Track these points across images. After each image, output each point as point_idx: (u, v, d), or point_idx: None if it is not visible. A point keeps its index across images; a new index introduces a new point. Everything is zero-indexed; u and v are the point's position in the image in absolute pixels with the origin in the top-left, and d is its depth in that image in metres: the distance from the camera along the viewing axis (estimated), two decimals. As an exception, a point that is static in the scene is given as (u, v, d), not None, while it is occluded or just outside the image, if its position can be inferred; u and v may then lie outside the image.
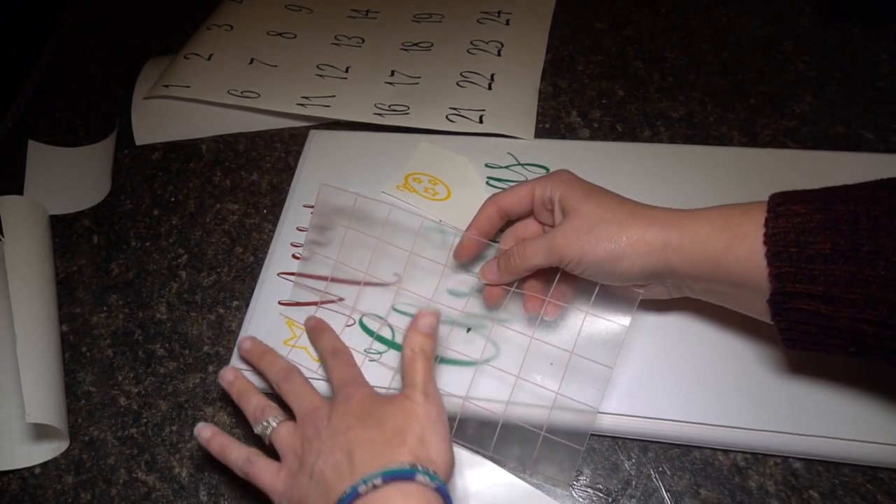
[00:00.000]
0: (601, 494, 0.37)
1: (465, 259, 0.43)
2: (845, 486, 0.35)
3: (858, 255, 0.28)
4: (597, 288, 0.36)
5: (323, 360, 0.41)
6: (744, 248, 0.31)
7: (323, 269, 0.46)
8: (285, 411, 0.37)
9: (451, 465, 0.32)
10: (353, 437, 0.32)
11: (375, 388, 0.38)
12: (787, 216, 0.30)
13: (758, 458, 0.37)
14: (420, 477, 0.30)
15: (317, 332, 0.42)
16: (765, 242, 0.30)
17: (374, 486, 0.29)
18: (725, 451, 0.37)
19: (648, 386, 0.38)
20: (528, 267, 0.37)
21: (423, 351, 0.35)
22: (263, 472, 0.35)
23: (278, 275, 0.46)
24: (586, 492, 0.37)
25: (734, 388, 0.37)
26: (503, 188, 0.48)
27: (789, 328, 0.31)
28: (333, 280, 0.45)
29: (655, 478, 0.37)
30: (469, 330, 0.42)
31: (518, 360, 0.39)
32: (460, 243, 0.42)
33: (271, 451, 0.36)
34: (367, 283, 0.45)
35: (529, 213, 0.41)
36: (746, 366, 0.38)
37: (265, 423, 0.36)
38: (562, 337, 0.39)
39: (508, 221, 0.42)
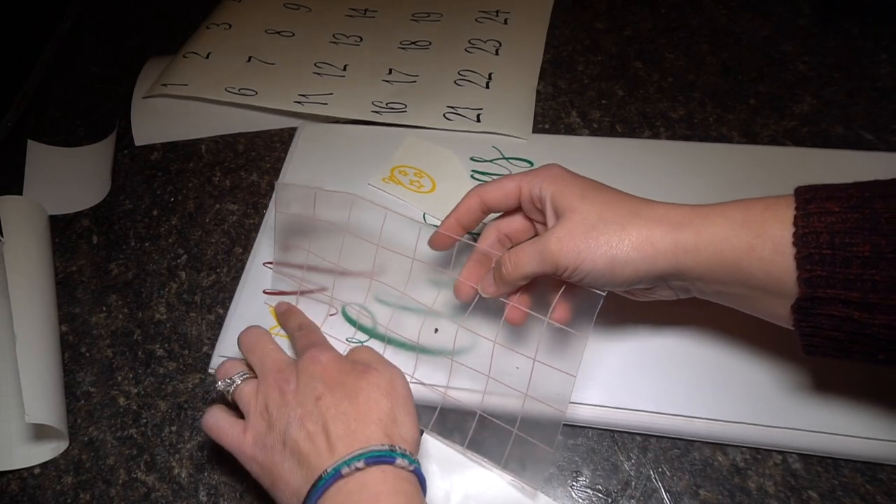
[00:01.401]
0: (601, 495, 0.37)
1: (439, 249, 0.39)
2: (844, 486, 0.35)
3: None
4: (560, 290, 0.34)
5: (290, 336, 0.41)
6: (768, 250, 0.28)
7: (298, 258, 0.46)
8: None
9: (418, 442, 0.33)
10: (324, 408, 0.32)
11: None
12: (820, 214, 0.27)
13: (757, 459, 0.37)
14: (399, 460, 0.30)
15: (286, 315, 0.43)
16: (794, 243, 0.28)
17: (357, 469, 0.29)
18: (725, 452, 0.37)
19: (647, 380, 0.38)
20: (522, 275, 0.34)
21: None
22: (227, 432, 0.35)
23: (263, 264, 0.47)
24: (586, 492, 0.37)
25: (732, 383, 0.37)
26: (487, 181, 0.48)
27: (813, 334, 0.29)
28: (310, 269, 0.45)
29: (655, 478, 0.37)
30: (437, 331, 0.42)
31: (486, 360, 0.37)
32: (435, 233, 0.39)
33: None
34: (345, 273, 0.44)
35: (515, 209, 0.37)
36: (745, 360, 0.38)
37: (228, 380, 0.36)
38: (524, 343, 0.38)
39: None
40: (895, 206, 0.26)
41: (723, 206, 0.30)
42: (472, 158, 0.51)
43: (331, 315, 0.44)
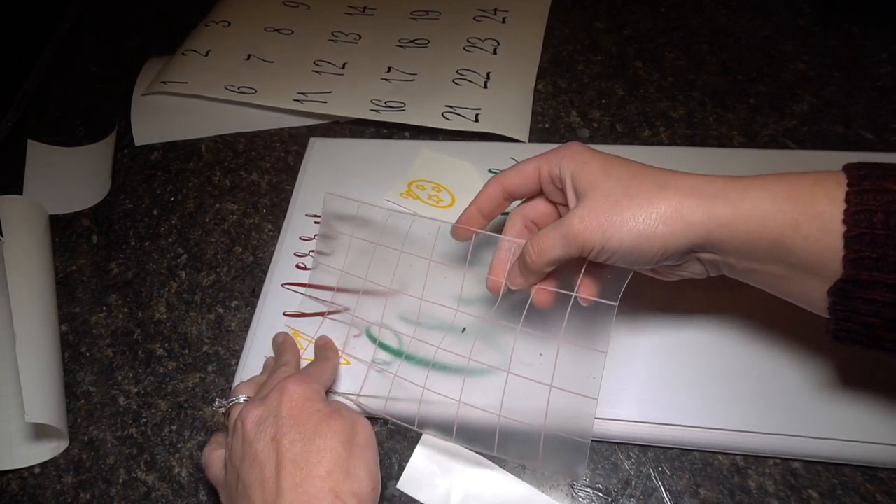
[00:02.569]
0: (601, 494, 0.37)
1: (462, 240, 0.38)
2: (844, 486, 0.35)
3: None
4: (584, 267, 0.33)
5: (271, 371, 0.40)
6: (815, 227, 0.26)
7: (329, 280, 0.45)
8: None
9: (375, 493, 0.31)
10: (279, 450, 0.31)
11: (377, 399, 0.38)
12: (875, 192, 0.25)
13: (757, 459, 0.37)
14: None
15: (282, 347, 0.42)
16: (844, 221, 0.25)
17: None
18: (725, 452, 0.37)
19: (647, 391, 0.38)
20: (548, 261, 0.32)
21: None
22: (209, 466, 0.35)
23: (282, 286, 0.46)
24: (586, 492, 0.37)
25: (734, 392, 0.37)
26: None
27: (848, 319, 0.27)
28: (340, 290, 0.45)
29: (655, 477, 0.37)
30: (464, 330, 0.41)
31: (507, 355, 0.37)
32: (456, 224, 0.37)
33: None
34: (374, 293, 0.44)
35: (538, 193, 0.36)
36: (744, 369, 0.38)
37: (224, 402, 0.36)
38: (550, 328, 0.36)
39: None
40: None
41: (763, 179, 0.28)
42: (490, 170, 0.50)
43: (354, 336, 0.43)
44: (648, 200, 0.29)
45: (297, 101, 0.57)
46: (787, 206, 0.27)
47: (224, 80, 0.60)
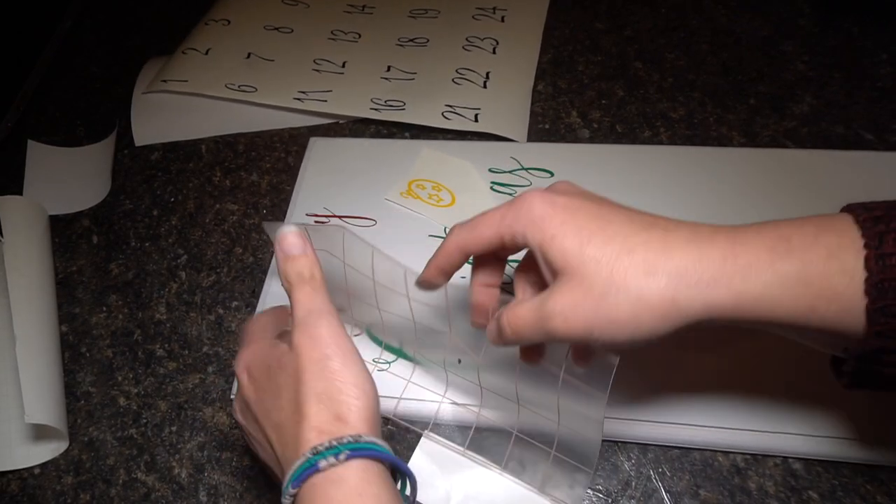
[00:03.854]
0: (601, 495, 0.37)
1: (430, 290, 0.35)
2: (844, 486, 0.35)
3: None
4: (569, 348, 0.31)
5: None
6: (834, 309, 0.23)
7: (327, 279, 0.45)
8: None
9: (370, 400, 0.28)
10: (261, 419, 0.30)
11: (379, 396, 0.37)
12: None
13: (757, 459, 0.37)
14: (323, 462, 0.26)
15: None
16: (866, 292, 0.23)
17: (292, 496, 0.27)
18: (725, 452, 0.37)
19: (647, 389, 0.38)
20: (522, 342, 0.29)
21: (300, 275, 0.31)
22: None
23: (282, 285, 0.46)
24: (586, 492, 0.37)
25: (734, 390, 0.37)
26: (509, 194, 0.48)
27: (869, 377, 0.25)
28: (337, 290, 0.45)
29: (655, 478, 0.37)
30: (460, 361, 0.39)
31: (513, 385, 0.36)
32: (420, 275, 0.34)
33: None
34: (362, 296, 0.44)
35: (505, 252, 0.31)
36: (744, 367, 0.38)
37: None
38: (546, 379, 0.34)
39: None
40: None
41: (769, 253, 0.24)
42: (490, 169, 0.50)
43: (355, 336, 0.43)
44: (638, 293, 0.25)
45: (298, 99, 0.57)
46: (800, 289, 0.23)
47: (224, 79, 0.60)
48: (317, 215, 0.49)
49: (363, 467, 0.27)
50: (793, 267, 0.23)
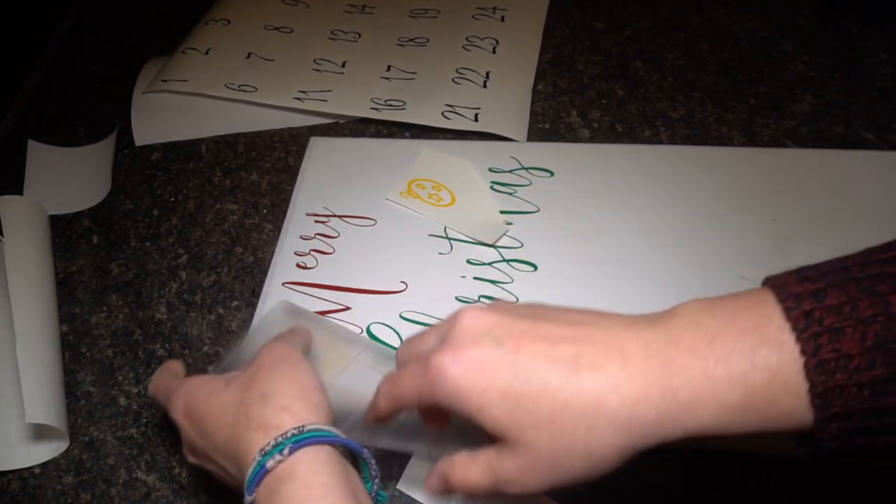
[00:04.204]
0: (601, 495, 0.37)
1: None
2: (844, 486, 0.35)
3: None
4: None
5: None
6: (782, 425, 0.22)
7: (328, 279, 0.46)
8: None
9: (307, 388, 0.30)
10: (209, 449, 0.31)
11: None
12: (837, 361, 0.21)
13: (757, 460, 0.37)
14: (270, 462, 0.27)
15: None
16: (812, 404, 0.21)
17: (252, 500, 0.28)
18: (725, 452, 0.37)
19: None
20: (472, 494, 0.27)
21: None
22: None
23: (283, 284, 0.46)
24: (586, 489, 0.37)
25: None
26: (508, 192, 0.48)
27: (831, 459, 0.24)
28: (338, 289, 0.45)
29: (655, 479, 0.37)
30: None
31: None
32: (366, 418, 0.31)
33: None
34: (373, 292, 0.44)
35: None
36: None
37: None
38: None
39: None
40: None
41: (711, 384, 0.22)
42: (490, 169, 0.50)
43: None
44: (587, 452, 0.24)
45: (298, 99, 0.57)
46: (748, 415, 0.22)
47: (224, 79, 0.60)
48: (317, 215, 0.50)
49: (311, 457, 0.27)
50: (735, 396, 0.22)
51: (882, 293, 0.21)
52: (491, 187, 0.49)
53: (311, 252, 0.48)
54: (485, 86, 0.56)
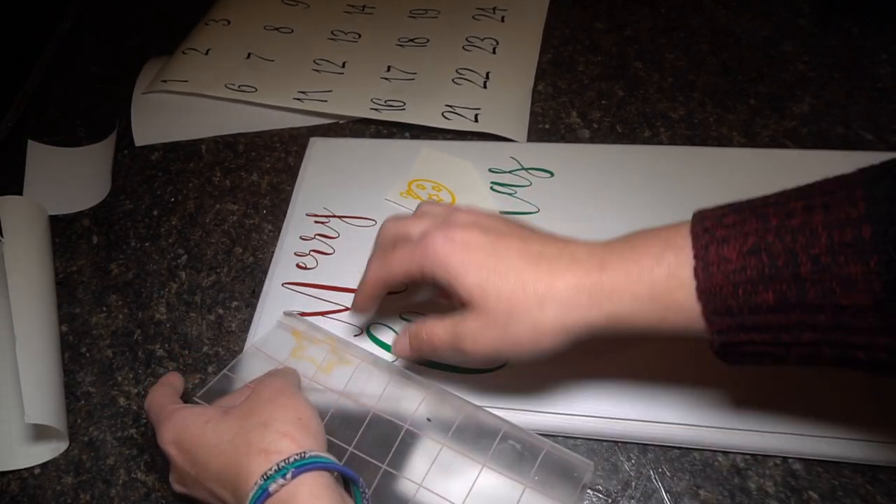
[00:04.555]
0: (601, 495, 0.37)
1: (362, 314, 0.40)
2: (845, 486, 0.35)
3: (806, 303, 0.25)
4: (541, 455, 0.34)
5: None
6: (680, 319, 0.28)
7: (328, 279, 0.46)
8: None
9: (306, 416, 0.31)
10: (202, 476, 0.32)
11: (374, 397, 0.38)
12: (719, 264, 0.26)
13: (757, 460, 0.37)
14: (273, 486, 0.28)
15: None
16: (699, 298, 0.27)
17: None
18: (725, 453, 0.37)
19: (647, 389, 0.38)
20: (435, 357, 0.35)
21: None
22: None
23: (283, 285, 0.46)
24: (586, 493, 0.37)
25: (733, 390, 0.37)
26: (508, 193, 0.48)
27: (739, 362, 0.29)
28: (338, 289, 0.45)
29: (655, 479, 0.37)
30: (429, 420, 0.38)
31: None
32: (353, 306, 0.39)
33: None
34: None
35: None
36: (745, 368, 0.38)
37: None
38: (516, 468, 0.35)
39: None
40: (790, 244, 0.25)
41: (626, 276, 0.28)
42: (490, 169, 0.50)
43: (355, 336, 0.43)
44: (534, 322, 0.30)
45: (298, 99, 0.57)
46: (651, 305, 0.28)
47: (224, 79, 0.60)
48: (317, 215, 0.50)
49: (312, 482, 0.29)
50: (643, 288, 0.28)
51: (767, 214, 0.26)
52: (491, 188, 0.49)
53: (311, 252, 0.48)
54: (485, 86, 0.56)
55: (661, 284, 0.28)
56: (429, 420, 0.37)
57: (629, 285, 0.28)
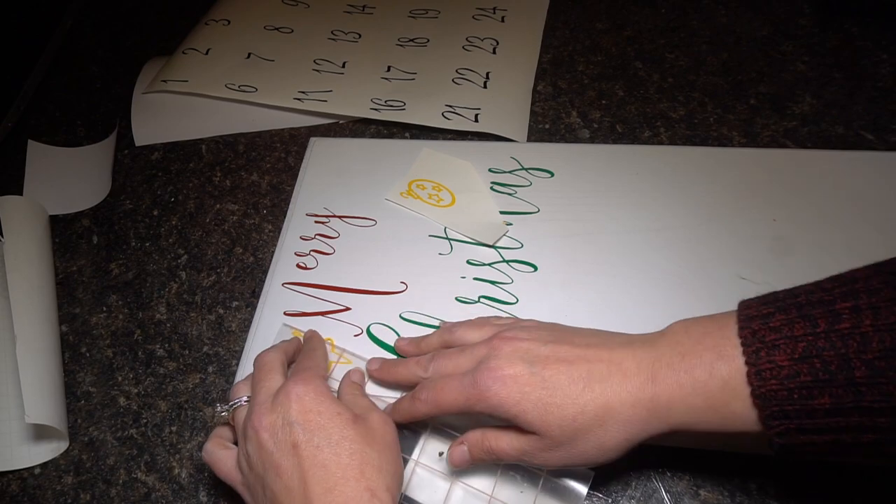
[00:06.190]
0: (601, 495, 0.37)
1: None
2: (845, 486, 0.35)
3: (863, 407, 0.25)
4: (540, 481, 0.35)
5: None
6: (739, 424, 0.28)
7: (328, 279, 0.46)
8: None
9: (401, 481, 0.32)
10: (302, 459, 0.30)
11: (382, 398, 0.38)
12: (771, 370, 0.27)
13: (758, 459, 0.37)
14: None
15: (307, 341, 0.41)
16: (754, 405, 0.27)
17: None
18: (725, 452, 0.37)
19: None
20: (498, 461, 0.35)
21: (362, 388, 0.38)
22: (219, 464, 0.35)
23: (283, 285, 0.46)
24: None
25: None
26: (508, 193, 0.48)
27: (802, 459, 0.30)
28: (338, 289, 0.45)
29: (655, 478, 0.37)
30: (441, 454, 0.38)
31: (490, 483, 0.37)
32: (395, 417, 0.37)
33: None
34: (373, 292, 0.45)
35: None
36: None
37: (226, 405, 0.36)
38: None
39: None
40: (842, 350, 0.25)
41: (681, 391, 0.29)
42: (490, 169, 0.50)
43: (355, 336, 0.43)
44: (599, 442, 0.31)
45: (298, 99, 0.57)
46: (710, 415, 0.29)
47: (224, 79, 0.60)
48: (317, 215, 0.50)
49: None
50: (699, 400, 0.29)
51: (814, 316, 0.26)
52: (491, 188, 0.49)
53: (311, 252, 0.48)
54: (485, 86, 0.56)
55: (717, 397, 0.28)
56: (441, 455, 0.38)
57: (684, 399, 0.29)
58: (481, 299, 0.43)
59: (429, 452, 0.38)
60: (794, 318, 0.27)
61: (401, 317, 0.43)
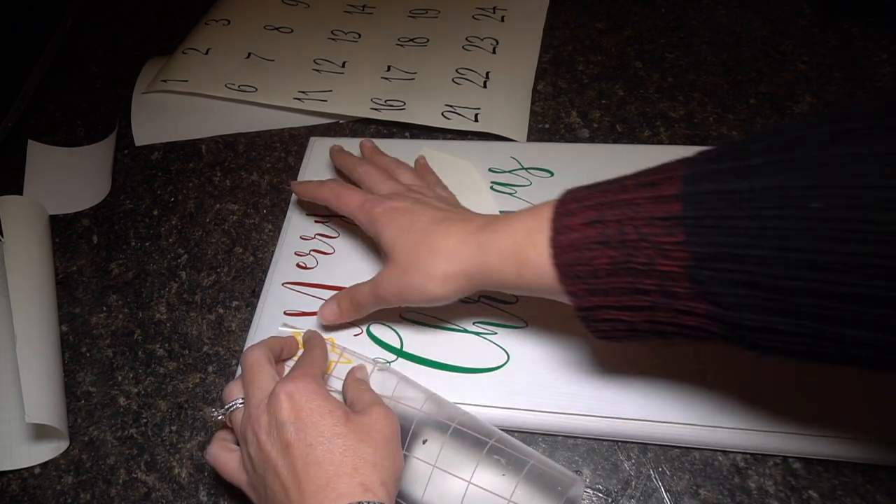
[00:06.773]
0: (601, 495, 0.37)
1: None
2: (845, 486, 0.35)
3: (634, 268, 0.28)
4: (526, 467, 0.34)
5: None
6: (532, 275, 0.32)
7: (328, 279, 0.46)
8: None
9: (399, 477, 0.33)
10: (294, 458, 0.31)
11: (382, 397, 0.38)
12: (566, 232, 0.30)
13: (757, 459, 0.37)
14: None
15: (307, 341, 0.41)
16: (554, 265, 0.30)
17: None
18: (725, 452, 0.37)
19: (647, 389, 0.38)
20: (364, 313, 0.41)
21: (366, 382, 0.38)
22: (224, 466, 0.35)
23: (283, 285, 0.46)
24: (586, 492, 0.37)
25: (733, 390, 0.37)
26: (509, 193, 0.48)
27: (602, 332, 0.31)
28: (338, 289, 0.45)
29: (655, 478, 0.37)
30: (425, 441, 0.37)
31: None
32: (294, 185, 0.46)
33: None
34: None
35: None
36: (745, 368, 0.38)
37: (222, 408, 0.36)
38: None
39: None
40: (619, 215, 0.29)
41: (496, 235, 0.34)
42: (490, 169, 0.50)
43: (355, 335, 0.43)
44: (424, 270, 0.36)
45: (298, 99, 0.57)
46: (511, 261, 0.33)
47: (224, 79, 0.60)
48: (317, 215, 0.50)
49: None
50: (507, 242, 0.33)
51: (606, 190, 0.30)
52: (491, 187, 0.49)
53: (311, 252, 0.48)
54: (485, 86, 0.56)
55: (519, 241, 0.32)
56: (424, 442, 0.37)
57: (497, 241, 0.33)
58: (481, 299, 0.43)
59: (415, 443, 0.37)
60: (594, 192, 0.31)
61: (401, 317, 0.43)
